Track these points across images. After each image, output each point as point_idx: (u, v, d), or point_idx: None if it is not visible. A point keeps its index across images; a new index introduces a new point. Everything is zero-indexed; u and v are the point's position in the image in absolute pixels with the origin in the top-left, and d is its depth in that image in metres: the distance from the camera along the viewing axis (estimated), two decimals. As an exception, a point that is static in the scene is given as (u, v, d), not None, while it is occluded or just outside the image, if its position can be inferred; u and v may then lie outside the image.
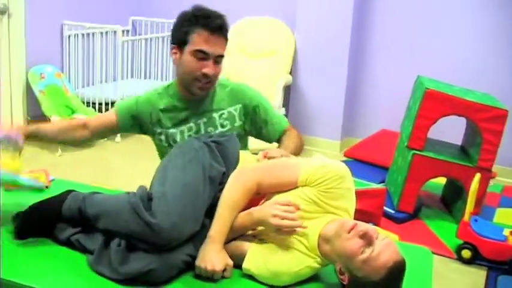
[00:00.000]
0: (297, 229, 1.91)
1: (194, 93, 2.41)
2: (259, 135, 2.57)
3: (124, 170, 4.63)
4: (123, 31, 5.69)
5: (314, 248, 1.92)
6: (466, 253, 3.56)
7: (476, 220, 3.64)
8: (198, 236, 1.97)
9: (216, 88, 2.49)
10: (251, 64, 5.40)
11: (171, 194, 1.93)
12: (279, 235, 1.93)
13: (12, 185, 2.28)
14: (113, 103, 5.36)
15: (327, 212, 1.95)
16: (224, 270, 1.90)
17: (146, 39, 6.09)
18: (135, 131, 2.60)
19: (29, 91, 5.08)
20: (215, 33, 2.32)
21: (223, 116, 2.47)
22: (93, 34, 5.58)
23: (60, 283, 1.87)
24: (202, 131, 2.45)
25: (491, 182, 4.80)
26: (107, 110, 5.29)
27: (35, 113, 5.12)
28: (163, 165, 2.13)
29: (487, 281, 3.39)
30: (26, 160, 4.47)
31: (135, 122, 2.54)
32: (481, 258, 3.54)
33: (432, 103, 3.87)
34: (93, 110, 5.25)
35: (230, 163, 2.13)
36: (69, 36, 5.42)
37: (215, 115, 2.47)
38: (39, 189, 2.36)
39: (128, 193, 2.02)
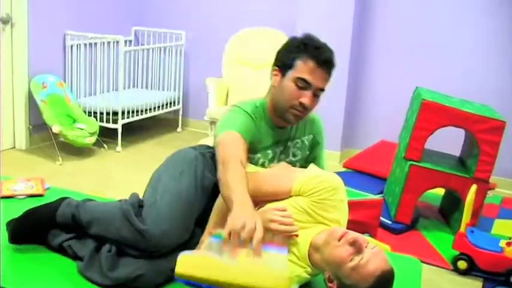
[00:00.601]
0: (293, 234, 1.93)
1: (286, 121, 2.30)
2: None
3: (124, 179, 4.65)
4: (125, 41, 5.74)
5: (304, 258, 1.94)
6: (462, 264, 3.56)
7: (472, 231, 3.64)
8: (189, 244, 2.00)
9: None
10: (253, 75, 5.43)
11: (162, 202, 1.97)
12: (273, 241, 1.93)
13: None
14: (114, 113, 5.40)
15: (318, 223, 1.97)
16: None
17: (148, 50, 6.13)
18: None
19: (31, 100, 5.12)
20: (322, 66, 2.24)
21: (297, 145, 2.42)
22: (95, 44, 5.62)
23: (50, 289, 1.90)
24: (276, 159, 2.35)
25: (491, 193, 4.82)
26: (108, 120, 5.36)
27: (37, 121, 5.16)
28: (157, 174, 2.17)
29: (483, 292, 3.40)
30: (27, 168, 4.55)
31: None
32: (477, 269, 3.54)
33: (429, 114, 3.88)
34: (95, 119, 5.28)
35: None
36: (71, 46, 5.46)
37: (290, 144, 2.40)
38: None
39: (120, 200, 2.05)
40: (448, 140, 4.46)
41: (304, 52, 2.24)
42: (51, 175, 4.37)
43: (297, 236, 1.92)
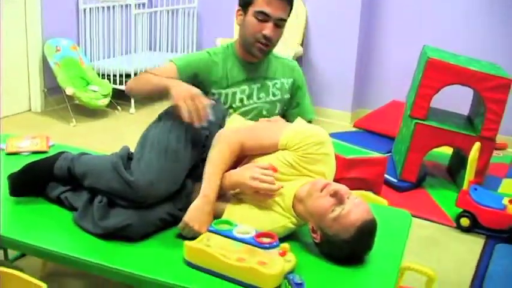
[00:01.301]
0: (274, 192, 1.98)
1: (253, 55, 2.42)
2: (285, 112, 2.58)
3: (136, 140, 4.72)
4: (137, 4, 5.78)
5: (289, 209, 1.98)
6: (465, 221, 3.60)
7: (475, 189, 3.66)
8: (178, 195, 2.06)
9: (271, 57, 2.52)
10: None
11: (149, 155, 2.03)
12: (256, 197, 1.99)
13: None
14: (127, 75, 5.47)
15: (303, 175, 2.01)
16: None
17: (161, 12, 6.16)
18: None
19: (45, 64, 5.20)
20: None
21: (277, 85, 2.51)
22: (108, 7, 5.67)
23: (46, 237, 1.98)
24: (255, 96, 2.48)
25: (501, 153, 4.82)
26: (121, 82, 5.42)
27: (51, 84, 5.26)
28: (148, 129, 2.22)
29: (484, 248, 3.43)
30: (41, 130, 4.65)
31: (195, 79, 2.43)
32: (480, 226, 3.58)
33: (434, 72, 3.88)
34: (108, 81, 5.36)
35: (214, 126, 2.20)
36: (84, 10, 5.52)
37: (269, 83, 2.50)
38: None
39: (112, 154, 2.12)
40: (459, 99, 4.45)
41: None
42: (65, 136, 4.47)
43: (281, 187, 1.97)
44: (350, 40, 5.40)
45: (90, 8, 5.54)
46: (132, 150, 2.20)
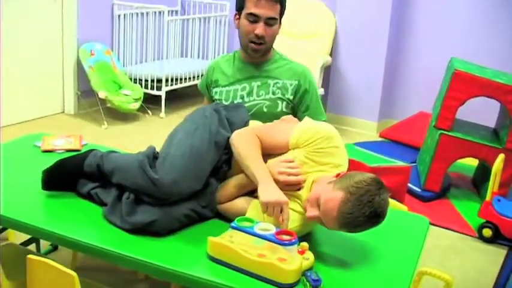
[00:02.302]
0: (302, 184, 2.05)
1: (250, 54, 2.59)
2: (296, 115, 2.62)
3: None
4: (170, 11, 5.91)
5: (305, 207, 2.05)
6: (487, 232, 3.62)
7: (499, 200, 3.68)
8: (202, 193, 2.16)
9: (278, 58, 2.65)
10: (290, 44, 5.51)
11: (174, 154, 2.13)
12: (285, 190, 2.04)
13: None
14: (158, 80, 5.60)
15: (317, 170, 2.08)
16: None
17: (193, 19, 6.28)
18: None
19: (79, 67, 5.36)
20: None
21: (278, 84, 2.59)
22: (141, 14, 5.81)
23: (77, 230, 2.07)
24: (254, 93, 2.58)
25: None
26: (152, 87, 5.55)
27: (85, 87, 5.41)
28: (174, 130, 2.32)
29: (506, 259, 3.44)
30: (74, 131, 4.79)
31: (209, 88, 2.76)
32: (502, 237, 3.60)
33: (460, 84, 3.92)
34: (140, 86, 5.49)
35: (237, 129, 2.29)
36: (119, 16, 5.67)
37: (270, 81, 2.59)
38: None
39: (139, 152, 2.22)
40: (486, 112, 4.47)
41: None
42: (96, 138, 4.59)
43: (302, 187, 2.05)
44: (378, 51, 5.46)
45: (124, 14, 5.69)
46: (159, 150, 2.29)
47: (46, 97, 5.29)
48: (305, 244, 1.88)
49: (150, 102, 5.66)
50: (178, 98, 6.15)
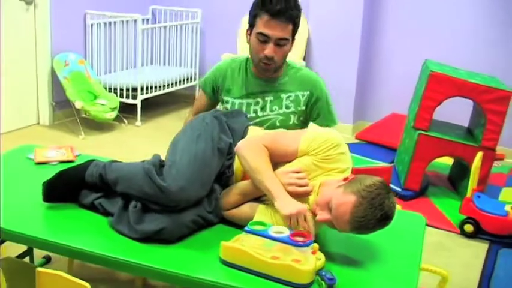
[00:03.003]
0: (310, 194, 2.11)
1: (260, 72, 2.56)
2: (308, 123, 2.62)
3: (143, 153, 4.76)
4: (143, 19, 5.91)
5: (314, 211, 2.11)
6: (469, 227, 3.73)
7: (479, 196, 3.80)
8: (208, 199, 2.19)
9: (288, 70, 2.62)
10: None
11: (180, 162, 2.16)
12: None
13: None
14: (133, 89, 5.59)
15: (323, 175, 2.14)
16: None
17: (165, 27, 6.29)
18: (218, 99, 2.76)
19: (53, 77, 5.32)
20: (275, 17, 2.40)
21: (290, 98, 2.58)
22: (114, 23, 5.80)
23: (85, 241, 2.08)
24: (268, 108, 2.58)
25: (499, 164, 4.97)
26: (127, 96, 5.55)
27: (60, 98, 5.37)
28: (176, 138, 2.35)
29: (488, 253, 3.56)
30: (51, 143, 4.75)
31: (214, 90, 2.72)
32: (483, 232, 3.71)
33: (437, 85, 4.03)
34: (115, 95, 5.48)
35: (237, 135, 2.33)
36: (91, 25, 5.64)
37: (283, 95, 2.58)
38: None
39: (143, 161, 2.24)
40: (459, 112, 4.59)
41: (260, 8, 2.44)
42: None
43: (310, 195, 2.11)
44: (351, 55, 5.56)
45: (97, 23, 5.67)
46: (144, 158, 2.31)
47: (20, 109, 5.24)
48: (315, 245, 1.93)
49: (126, 111, 5.65)
50: (153, 106, 6.16)
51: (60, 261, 2.96)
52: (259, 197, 2.20)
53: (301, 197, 2.10)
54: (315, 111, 2.62)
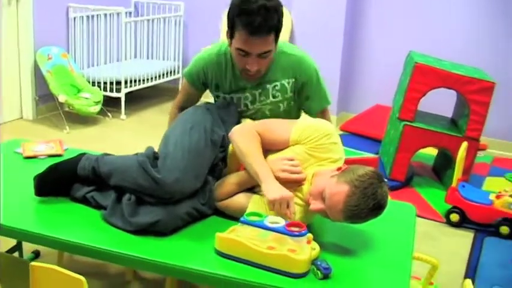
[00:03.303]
0: (304, 181, 2.13)
1: (245, 79, 2.46)
2: (301, 107, 2.64)
3: (128, 146, 4.78)
4: (125, 13, 5.87)
5: (308, 201, 2.13)
6: (454, 217, 3.78)
7: (463, 186, 3.85)
8: (201, 191, 2.20)
9: (274, 58, 2.44)
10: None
11: (174, 154, 2.16)
12: (287, 187, 2.08)
13: None
14: (117, 82, 5.56)
15: (315, 165, 2.16)
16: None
17: (148, 20, 6.27)
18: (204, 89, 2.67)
19: (36, 71, 5.27)
20: (255, 34, 2.23)
21: (276, 87, 2.49)
22: (97, 16, 5.76)
23: (79, 234, 2.08)
24: (257, 100, 2.51)
25: (482, 154, 5.03)
26: (111, 89, 5.52)
27: (43, 92, 5.33)
28: (169, 130, 2.35)
29: (474, 241, 3.61)
30: (35, 137, 4.71)
31: (203, 82, 2.60)
32: (469, 221, 3.76)
33: (421, 76, 4.07)
34: (98, 89, 5.45)
35: (230, 127, 2.34)
36: (74, 18, 5.60)
37: (269, 86, 2.48)
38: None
39: (137, 154, 2.24)
40: (441, 103, 4.64)
41: (239, 22, 2.25)
42: (60, 143, 4.54)
43: (303, 183, 2.12)
44: (334, 47, 5.58)
45: (80, 17, 5.63)
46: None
47: (3, 103, 5.18)
48: (310, 235, 1.95)
49: (109, 104, 5.63)
50: (137, 99, 6.13)
51: (50, 255, 2.95)
52: (253, 187, 2.21)
53: (294, 184, 2.11)
54: (303, 94, 2.55)
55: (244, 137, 2.19)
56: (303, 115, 2.41)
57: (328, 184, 1.98)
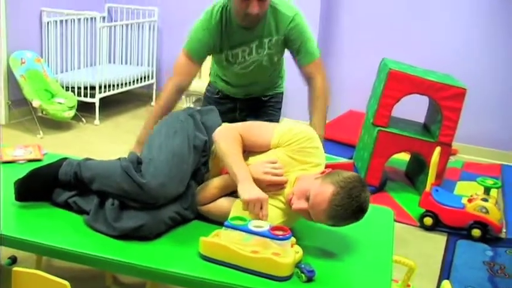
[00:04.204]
0: (285, 184, 2.16)
1: (246, 27, 2.67)
2: (294, 60, 2.85)
3: (103, 151, 4.81)
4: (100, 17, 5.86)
5: (289, 204, 2.16)
6: (428, 220, 3.85)
7: (437, 190, 3.92)
8: (184, 196, 2.22)
9: (268, 15, 2.69)
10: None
11: (158, 159, 2.17)
12: (267, 191, 2.13)
13: None
14: (91, 87, 5.54)
15: (298, 170, 2.19)
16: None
17: (122, 26, 6.25)
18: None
19: (10, 76, 5.22)
20: None
21: (271, 42, 2.74)
22: (71, 20, 5.72)
23: (62, 239, 2.08)
24: (254, 52, 2.75)
25: (453, 159, 5.14)
26: (85, 94, 5.50)
27: (16, 97, 5.28)
28: (152, 135, 2.36)
29: (447, 244, 3.68)
30: (8, 142, 4.66)
31: (207, 51, 2.77)
32: (442, 224, 3.84)
33: (395, 83, 4.14)
34: (72, 94, 5.42)
35: (212, 132, 2.35)
36: (47, 23, 5.57)
37: (265, 40, 2.73)
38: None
39: (119, 159, 2.25)
40: (414, 108, 4.72)
41: None
42: (33, 148, 4.50)
43: (285, 186, 2.15)
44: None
45: (54, 21, 5.59)
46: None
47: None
48: (293, 238, 1.98)
49: (84, 109, 5.60)
50: (111, 104, 6.11)
51: (27, 261, 2.93)
52: (235, 191, 2.23)
53: (276, 187, 2.14)
54: (295, 49, 2.78)
55: (226, 138, 2.22)
56: (285, 120, 2.46)
57: (313, 185, 2.02)
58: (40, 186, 2.31)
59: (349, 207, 1.96)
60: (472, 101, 4.86)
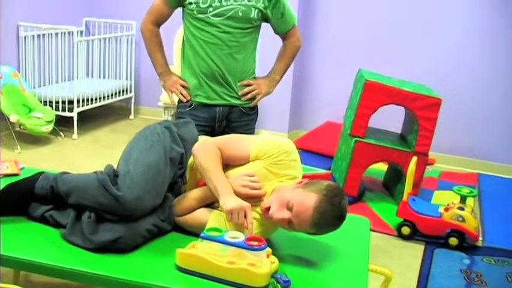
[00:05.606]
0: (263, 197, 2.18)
1: None
2: (272, 25, 3.02)
3: (81, 166, 4.79)
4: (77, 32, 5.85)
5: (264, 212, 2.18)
6: (406, 230, 3.89)
7: (414, 199, 3.96)
8: (161, 208, 2.23)
9: None
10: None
11: (135, 171, 2.18)
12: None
13: None
14: (69, 101, 5.53)
15: (275, 181, 2.21)
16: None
17: (100, 40, 6.25)
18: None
19: (-14, 91, 5.19)
20: None
21: None
22: (49, 35, 5.71)
23: (39, 253, 2.08)
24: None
25: (430, 168, 5.19)
26: (63, 109, 5.48)
27: (-7, 112, 5.25)
28: (128, 147, 2.37)
29: (425, 253, 3.72)
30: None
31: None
32: (419, 234, 3.87)
33: (372, 93, 4.18)
34: (50, 108, 5.40)
35: (188, 145, 2.38)
36: (24, 37, 5.55)
37: None
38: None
39: (96, 172, 2.25)
40: (390, 119, 4.77)
41: None
42: (11, 163, 4.47)
43: (262, 199, 2.17)
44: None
45: (31, 36, 5.58)
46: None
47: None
48: (269, 249, 1.99)
49: (62, 124, 5.58)
50: (89, 118, 6.09)
51: (6, 276, 2.90)
52: (212, 203, 2.25)
53: (253, 199, 2.16)
54: (277, 12, 2.90)
55: (205, 152, 2.24)
56: (262, 132, 2.48)
57: (294, 195, 2.05)
58: (16, 200, 2.31)
59: (332, 215, 2.01)
60: (448, 111, 4.95)
